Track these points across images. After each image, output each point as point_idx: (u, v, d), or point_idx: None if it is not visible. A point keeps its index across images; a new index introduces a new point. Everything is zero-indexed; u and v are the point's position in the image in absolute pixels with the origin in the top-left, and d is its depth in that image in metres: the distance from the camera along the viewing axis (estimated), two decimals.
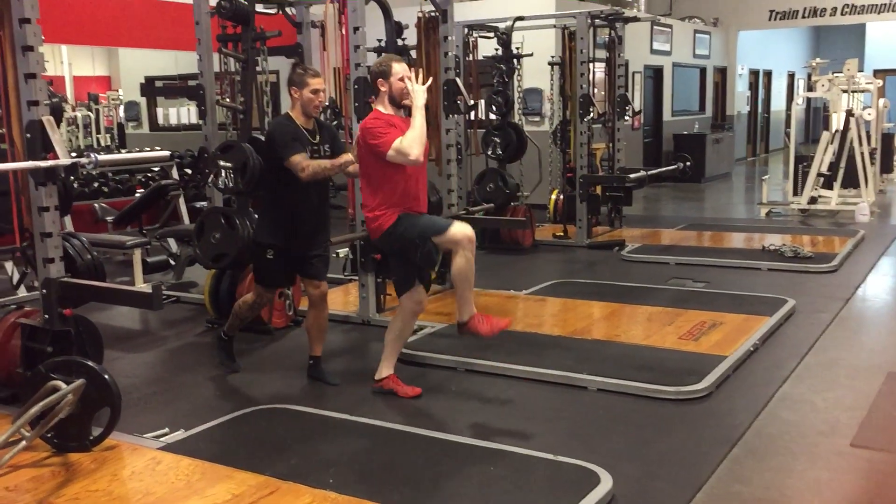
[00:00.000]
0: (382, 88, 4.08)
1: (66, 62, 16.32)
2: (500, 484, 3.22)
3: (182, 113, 13.77)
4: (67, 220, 7.35)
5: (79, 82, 17.44)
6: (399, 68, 4.06)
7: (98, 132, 15.92)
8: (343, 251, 6.72)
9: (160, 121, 14.22)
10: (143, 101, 14.06)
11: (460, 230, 3.97)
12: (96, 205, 8.79)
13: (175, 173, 9.63)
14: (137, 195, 8.90)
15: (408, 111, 4.09)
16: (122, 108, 15.30)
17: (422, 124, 3.90)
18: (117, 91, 16.35)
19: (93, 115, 15.82)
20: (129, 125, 14.78)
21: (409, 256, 4.08)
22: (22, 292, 6.29)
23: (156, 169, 9.77)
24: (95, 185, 9.09)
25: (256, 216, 4.80)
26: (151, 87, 12.97)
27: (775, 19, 16.56)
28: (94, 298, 4.07)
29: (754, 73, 18.87)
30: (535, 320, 5.81)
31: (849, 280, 6.67)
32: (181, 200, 8.65)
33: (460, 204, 6.84)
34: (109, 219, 8.43)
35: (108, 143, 15.64)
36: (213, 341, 4.82)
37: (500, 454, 3.48)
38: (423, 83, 4.01)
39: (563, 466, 3.33)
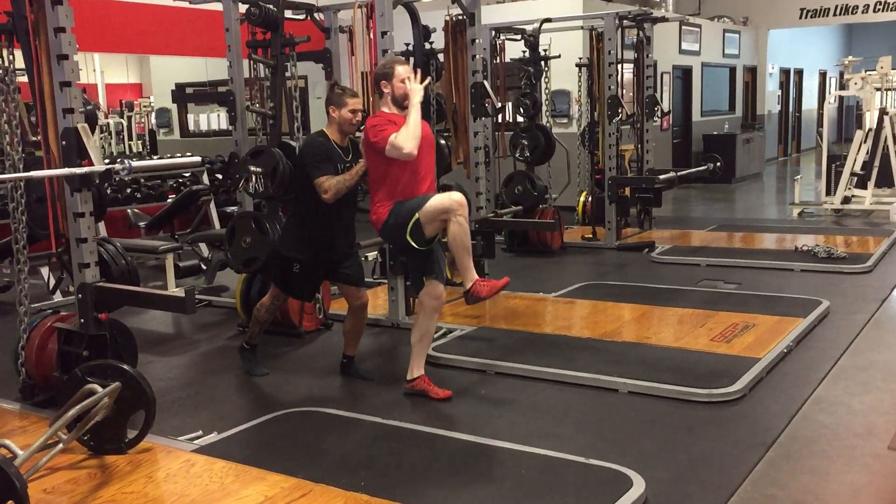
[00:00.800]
0: (385, 90, 4.18)
1: (99, 70, 16.58)
2: (532, 487, 3.21)
3: (212, 119, 13.92)
4: (101, 225, 7.46)
5: (111, 90, 17.72)
6: (401, 70, 4.15)
7: (130, 139, 16.17)
8: (372, 254, 6.74)
9: (191, 127, 14.38)
10: (174, 107, 14.23)
11: (446, 195, 4.03)
12: (129, 210, 8.90)
13: (206, 179, 9.74)
14: (169, 201, 9.01)
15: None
16: (153, 114, 15.51)
17: (416, 121, 3.99)
18: (149, 98, 16.59)
19: (125, 122, 16.07)
20: (160, 132, 14.97)
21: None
22: (57, 297, 6.40)
23: (187, 174, 9.88)
24: (128, 191, 9.20)
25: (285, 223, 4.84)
26: (182, 94, 13.12)
27: (806, 17, 16.37)
28: (128, 303, 4.12)
29: (785, 72, 18.67)
30: (564, 323, 5.79)
31: (884, 281, 6.57)
32: (212, 205, 8.74)
33: (489, 206, 6.84)
34: (142, 224, 8.54)
35: (140, 149, 15.87)
36: (238, 351, 4.87)
37: (531, 457, 3.47)
38: (421, 82, 4.12)
39: (595, 470, 3.32)
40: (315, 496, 3.14)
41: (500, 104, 7.25)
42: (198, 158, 7.26)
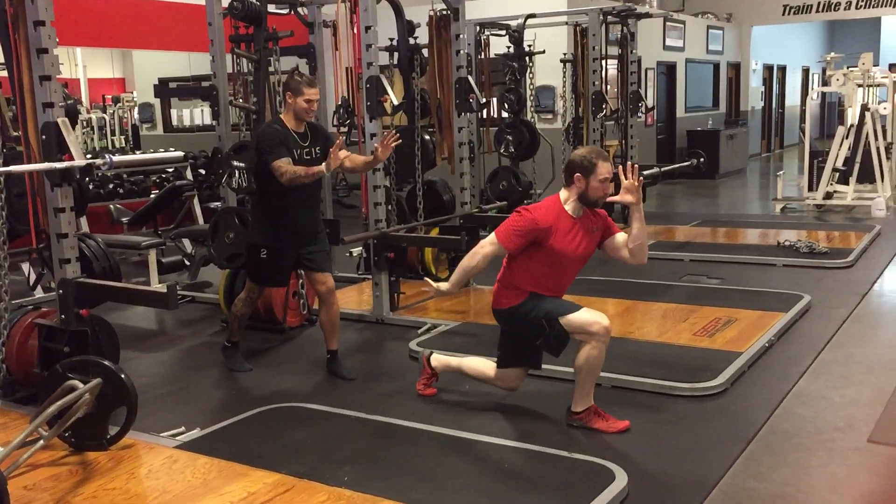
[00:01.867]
0: (578, 184, 3.68)
1: (81, 64, 16.44)
2: (515, 481, 3.22)
3: (195, 114, 13.85)
4: (83, 221, 7.40)
5: (94, 84, 17.56)
6: (605, 169, 3.66)
7: (113, 134, 16.04)
8: (357, 250, 6.73)
9: (174, 122, 14.29)
10: (157, 102, 14.14)
11: (598, 316, 3.63)
12: (111, 206, 8.85)
13: (189, 174, 9.69)
14: (152, 196, 8.96)
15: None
16: (136, 109, 15.40)
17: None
18: (132, 93, 16.47)
19: (108, 118, 15.94)
20: (143, 127, 14.87)
21: (528, 336, 3.79)
22: (38, 293, 6.35)
23: (170, 170, 9.83)
24: (110, 186, 9.15)
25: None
26: (165, 89, 13.03)
27: (789, 14, 16.45)
28: (110, 298, 4.10)
29: (768, 69, 18.77)
30: None
31: (865, 275, 6.63)
32: (195, 201, 8.70)
33: (473, 202, 6.84)
34: (125, 220, 8.49)
35: (123, 144, 15.75)
36: (221, 349, 4.86)
37: (514, 451, 3.48)
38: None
39: (578, 463, 3.33)
40: (298, 492, 3.13)
41: (484, 100, 7.26)
42: (180, 154, 7.23)
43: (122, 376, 3.49)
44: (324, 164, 4.23)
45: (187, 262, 7.24)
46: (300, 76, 4.39)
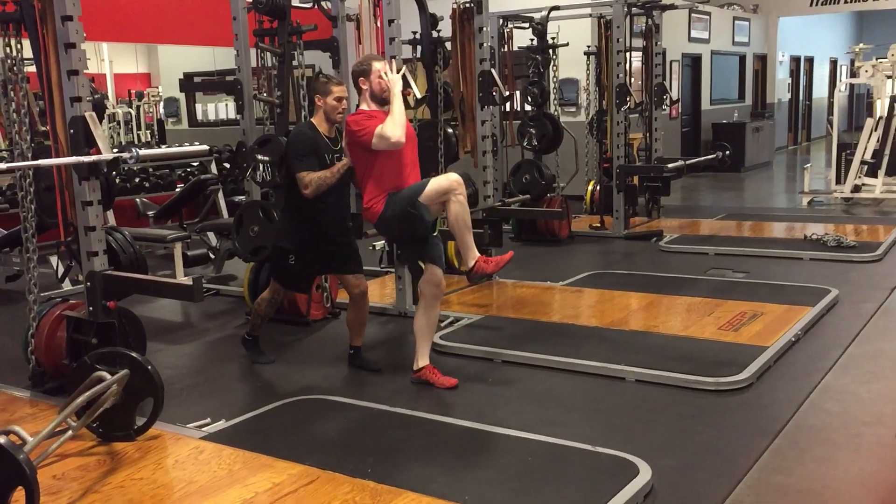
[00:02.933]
0: (364, 86, 4.23)
1: (108, 60, 16.60)
2: (539, 474, 3.22)
3: (220, 108, 13.93)
4: (110, 214, 7.48)
5: (119, 80, 17.73)
6: (378, 65, 4.20)
7: (139, 128, 16.20)
8: (379, 243, 6.75)
9: (199, 116, 14.39)
10: (182, 97, 14.24)
11: (443, 177, 4.13)
12: (138, 200, 8.93)
13: (214, 168, 9.76)
14: (178, 190, 9.03)
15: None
16: (161, 104, 15.53)
17: (399, 110, 4.07)
18: (157, 88, 16.60)
19: (133, 112, 16.09)
20: (168, 121, 14.99)
21: (410, 234, 4.18)
22: (66, 285, 6.43)
23: (195, 164, 9.91)
24: (136, 180, 9.24)
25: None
26: (190, 83, 13.12)
27: (817, 5, 16.24)
28: (136, 291, 4.14)
29: (795, 60, 18.55)
30: (571, 311, 5.79)
31: (893, 269, 6.54)
32: (220, 195, 8.76)
33: (496, 195, 6.83)
34: (150, 213, 8.57)
35: (149, 139, 15.89)
36: (241, 342, 4.90)
37: (537, 444, 3.47)
38: (398, 72, 4.22)
39: (602, 457, 3.32)
40: (322, 483, 3.15)
41: (507, 92, 7.23)
42: (205, 147, 7.26)
43: (149, 368, 3.53)
44: (346, 157, 4.24)
45: (212, 256, 7.30)
46: (325, 77, 4.41)
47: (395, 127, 4.01)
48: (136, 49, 17.98)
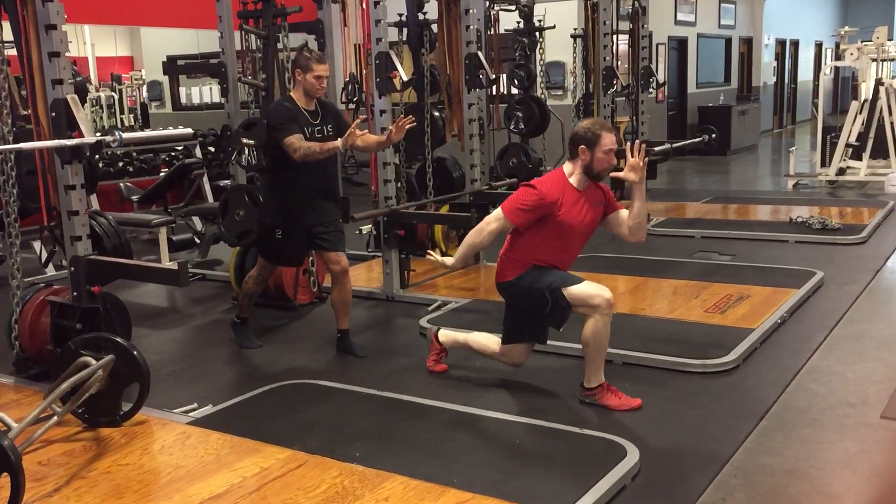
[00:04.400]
0: (583, 156, 3.67)
1: (90, 43, 16.41)
2: (527, 456, 3.23)
3: (204, 92, 13.82)
4: (93, 199, 7.42)
5: (101, 63, 17.54)
6: (610, 140, 3.66)
7: (122, 112, 16.05)
8: (366, 227, 6.72)
9: (183, 100, 14.27)
10: (165, 80, 14.12)
11: (599, 289, 3.62)
12: (121, 184, 8.87)
13: (198, 152, 9.69)
14: (162, 174, 8.96)
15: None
16: (144, 87, 15.38)
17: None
18: (140, 71, 16.43)
19: (116, 96, 15.93)
20: (152, 105, 14.86)
21: (527, 311, 3.81)
22: (50, 271, 6.37)
23: (179, 148, 9.83)
24: (120, 164, 9.16)
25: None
26: (174, 67, 13.00)
27: None
28: (121, 276, 4.11)
29: (781, 43, 18.57)
30: None
31: (878, 252, 6.58)
32: (205, 179, 8.70)
33: (483, 179, 6.80)
34: (135, 198, 8.50)
35: (132, 123, 15.75)
36: (230, 325, 4.87)
37: (525, 427, 3.48)
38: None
39: (590, 439, 3.33)
40: (310, 467, 3.14)
41: (494, 75, 7.20)
42: (190, 131, 7.23)
43: (135, 353, 3.51)
44: (340, 140, 4.20)
45: (197, 240, 7.25)
46: (309, 52, 4.35)
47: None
48: (117, 32, 17.77)
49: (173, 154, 9.75)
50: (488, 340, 4.06)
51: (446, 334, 4.25)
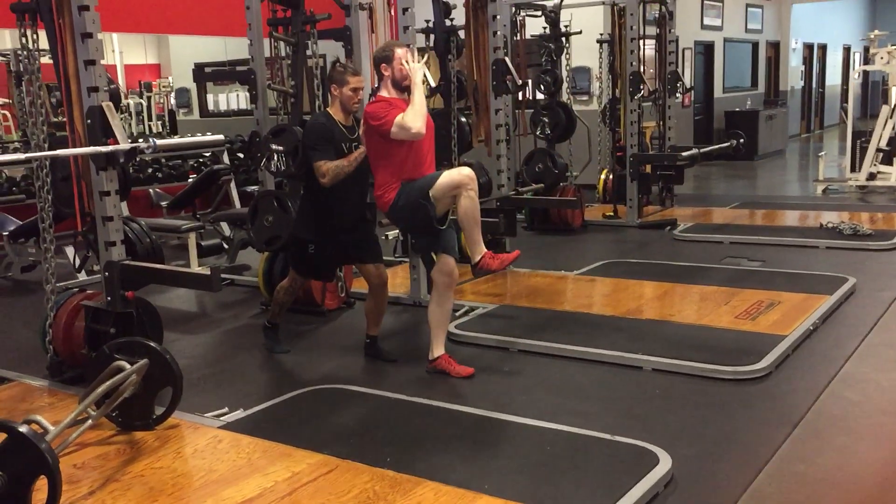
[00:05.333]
0: (385, 73, 4.19)
1: (118, 50, 16.61)
2: (559, 463, 3.21)
3: (231, 99, 13.92)
4: (124, 205, 7.48)
5: (130, 70, 17.75)
6: (400, 52, 4.17)
7: (150, 119, 16.22)
8: (393, 233, 6.73)
9: (210, 107, 14.39)
10: (193, 87, 14.24)
11: (455, 171, 4.09)
12: (151, 190, 8.95)
13: (226, 158, 9.75)
14: (190, 180, 9.04)
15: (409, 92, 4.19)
16: (172, 95, 15.53)
17: (420, 100, 4.04)
18: (167, 78, 16.60)
19: (145, 103, 16.11)
20: (179, 112, 15.00)
21: (422, 224, 4.15)
22: (82, 276, 6.45)
23: (207, 154, 9.91)
24: (149, 171, 9.25)
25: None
26: (203, 74, 13.10)
27: None
28: (154, 281, 4.16)
29: (808, 48, 18.40)
30: (586, 300, 5.78)
31: None
32: (232, 185, 8.76)
33: (510, 184, 6.81)
34: (164, 204, 8.58)
35: (160, 129, 15.92)
36: (262, 329, 4.91)
37: (556, 434, 3.47)
38: (420, 62, 4.22)
39: (621, 446, 3.31)
40: (341, 472, 3.15)
41: (520, 81, 7.20)
42: (221, 137, 7.29)
43: (168, 357, 3.54)
44: (362, 148, 4.24)
45: (226, 246, 7.31)
46: (343, 66, 4.38)
47: (415, 117, 3.98)
48: (145, 40, 17.98)
49: (201, 160, 9.84)
50: (431, 301, 4.35)
51: (431, 350, 4.33)
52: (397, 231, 6.48)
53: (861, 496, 2.99)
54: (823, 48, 19.32)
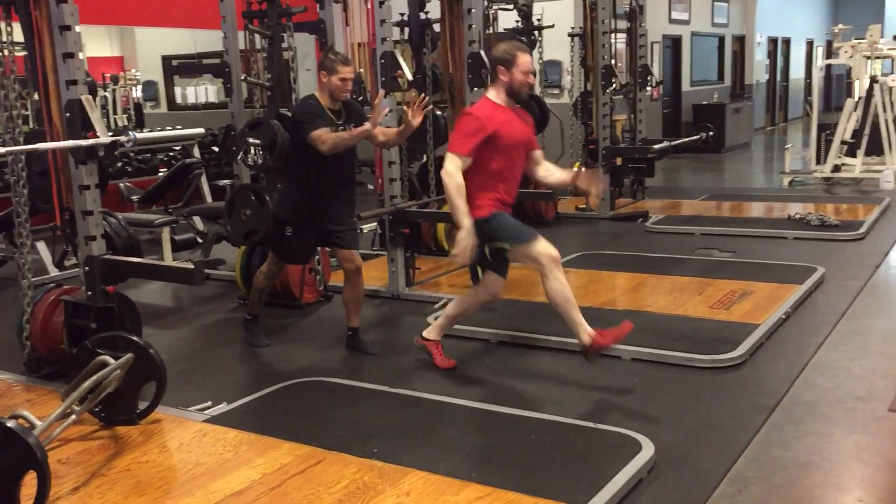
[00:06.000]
0: (502, 77, 3.92)
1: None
2: (544, 451, 3.26)
3: (200, 92, 13.78)
4: None
5: (93, 63, 17.44)
6: (526, 60, 3.90)
7: (115, 113, 15.95)
8: (369, 226, 6.75)
9: (178, 100, 14.23)
10: (160, 80, 14.08)
11: (545, 248, 3.86)
12: (121, 184, 8.85)
13: (197, 152, 9.68)
14: (161, 174, 8.95)
15: (520, 102, 4.06)
16: (138, 87, 15.30)
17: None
18: (133, 71, 16.35)
19: (110, 96, 15.84)
20: (146, 105, 14.81)
21: (490, 246, 4.03)
22: (53, 271, 6.38)
23: (177, 148, 9.82)
24: (119, 164, 9.14)
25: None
26: (170, 66, 12.97)
27: None
28: (135, 275, 4.13)
29: (773, 42, 18.67)
30: None
31: (877, 247, 6.65)
32: (203, 179, 8.70)
33: None
34: (135, 198, 8.48)
35: (126, 123, 15.68)
36: (241, 322, 4.90)
37: (540, 423, 3.51)
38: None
39: (604, 434, 3.37)
40: (329, 463, 3.17)
41: None
42: (200, 130, 7.24)
43: (151, 351, 3.52)
44: (367, 123, 4.25)
45: (199, 240, 7.26)
46: (334, 55, 4.38)
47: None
48: (109, 32, 17.69)
49: (171, 154, 9.75)
50: (462, 300, 4.26)
51: (430, 329, 4.33)
52: (375, 224, 6.49)
53: (838, 479, 3.08)
54: (787, 42, 19.63)
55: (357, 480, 3.03)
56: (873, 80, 10.06)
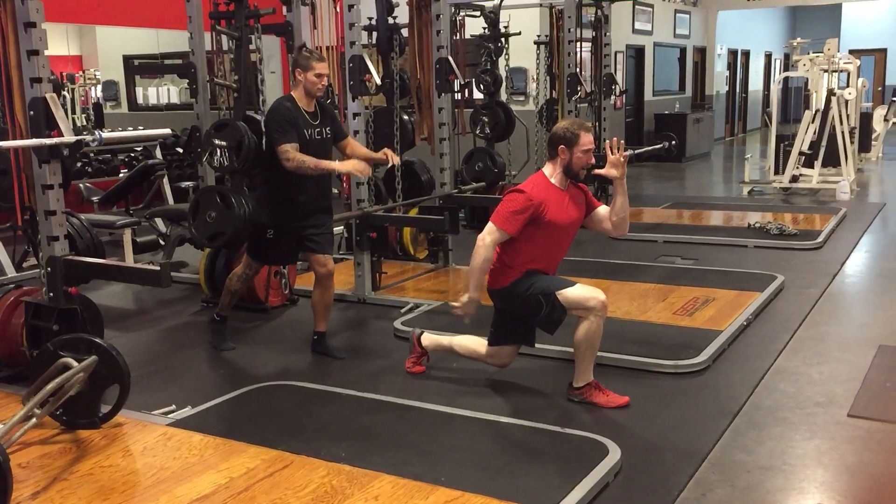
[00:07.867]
0: (562, 155, 3.74)
1: None
2: (512, 455, 3.28)
3: (162, 92, 13.61)
4: None
5: (50, 62, 17.13)
6: (587, 140, 3.73)
7: (73, 112, 15.67)
8: (337, 230, 6.72)
9: (140, 100, 14.03)
10: (121, 80, 13.87)
11: (594, 292, 3.73)
12: (81, 185, 8.70)
13: (158, 153, 9.56)
14: (121, 175, 8.83)
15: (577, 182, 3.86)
16: (99, 87, 15.05)
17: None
18: (93, 70, 16.09)
19: (69, 95, 15.56)
20: (107, 105, 14.57)
21: (520, 315, 3.89)
22: (11, 272, 6.24)
23: (138, 149, 9.69)
24: (79, 165, 8.99)
25: (251, 195, 4.79)
26: (131, 66, 12.79)
27: None
28: (100, 276, 4.07)
29: (733, 53, 19.00)
30: None
31: (834, 256, 6.80)
32: (165, 180, 8.59)
33: (451, 183, 6.85)
34: (95, 199, 8.35)
35: (85, 123, 15.41)
36: (208, 323, 4.84)
37: (508, 427, 3.53)
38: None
39: (572, 438, 3.40)
40: (297, 467, 3.15)
41: (463, 80, 7.27)
42: (168, 131, 7.14)
43: (115, 353, 3.47)
44: (337, 162, 4.27)
45: (162, 242, 7.16)
46: (308, 52, 4.37)
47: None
48: (67, 30, 17.39)
49: (133, 155, 9.61)
50: (474, 343, 4.12)
51: (430, 338, 4.29)
52: (342, 227, 6.47)
53: (799, 483, 3.13)
54: (747, 55, 19.98)
55: (325, 484, 3.02)
56: (830, 92, 10.28)
